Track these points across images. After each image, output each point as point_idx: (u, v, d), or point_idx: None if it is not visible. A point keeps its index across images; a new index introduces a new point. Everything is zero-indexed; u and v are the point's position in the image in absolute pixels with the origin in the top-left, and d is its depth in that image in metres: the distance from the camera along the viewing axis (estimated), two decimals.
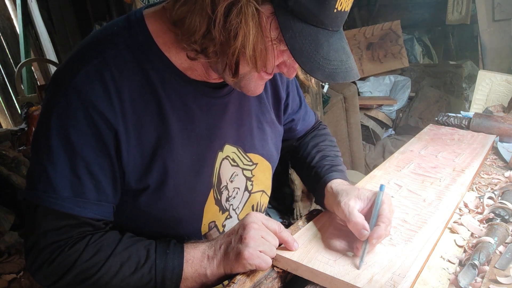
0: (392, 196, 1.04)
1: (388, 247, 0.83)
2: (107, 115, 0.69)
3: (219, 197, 0.87)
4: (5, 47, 4.81)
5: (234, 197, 0.91)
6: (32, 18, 4.86)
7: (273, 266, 0.81)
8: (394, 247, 0.83)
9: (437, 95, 3.86)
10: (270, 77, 0.75)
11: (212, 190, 0.85)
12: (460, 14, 3.57)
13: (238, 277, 0.77)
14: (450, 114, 1.57)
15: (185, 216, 0.82)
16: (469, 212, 1.03)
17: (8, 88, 4.78)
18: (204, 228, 0.87)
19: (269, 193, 1.03)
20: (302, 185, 2.64)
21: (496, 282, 0.76)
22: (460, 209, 1.04)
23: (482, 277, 0.78)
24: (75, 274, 0.70)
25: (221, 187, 0.87)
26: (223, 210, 0.90)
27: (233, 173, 0.89)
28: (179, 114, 0.76)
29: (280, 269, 0.81)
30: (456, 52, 4.51)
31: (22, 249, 1.56)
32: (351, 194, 0.84)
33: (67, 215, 0.70)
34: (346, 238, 0.85)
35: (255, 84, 0.74)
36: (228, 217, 0.92)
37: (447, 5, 3.76)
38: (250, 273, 0.78)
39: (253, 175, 0.94)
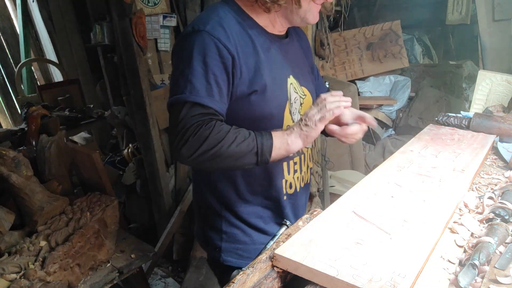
0: (392, 196, 1.04)
1: (388, 247, 0.83)
2: (228, 46, 1.06)
3: (290, 110, 1.22)
4: (5, 47, 4.81)
5: (295, 114, 1.25)
6: (32, 18, 4.86)
7: (273, 266, 0.81)
8: (394, 247, 0.83)
9: (437, 95, 3.85)
10: (321, 3, 1.16)
11: (288, 102, 1.21)
12: (460, 14, 3.57)
13: (238, 277, 0.77)
14: (450, 114, 1.57)
15: (275, 115, 1.18)
16: (469, 212, 1.03)
17: (8, 88, 4.78)
18: (284, 127, 1.22)
19: None
20: None
21: (496, 282, 0.76)
22: (460, 209, 1.04)
23: (482, 277, 0.78)
24: (208, 143, 1.02)
25: (292, 102, 1.22)
26: (291, 116, 1.24)
27: (296, 97, 1.24)
28: (264, 50, 1.15)
29: (280, 269, 0.81)
30: (456, 52, 4.51)
31: (22, 249, 1.56)
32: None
33: (204, 106, 1.04)
34: (347, 237, 0.85)
35: (314, 13, 1.17)
36: (296, 119, 1.25)
37: (447, 5, 3.76)
38: (250, 273, 0.78)
39: (303, 103, 1.28)
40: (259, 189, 1.26)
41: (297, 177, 1.31)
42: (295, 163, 1.29)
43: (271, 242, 0.94)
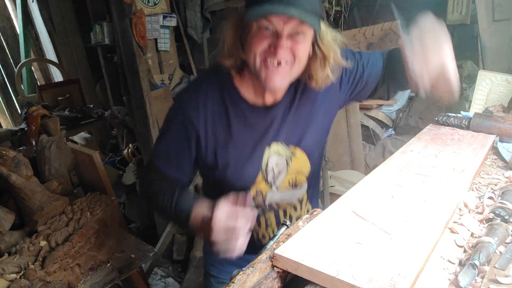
0: (392, 196, 1.04)
1: (388, 247, 0.83)
2: (194, 122, 1.14)
3: (265, 176, 1.22)
4: (5, 47, 4.81)
5: (277, 177, 1.24)
6: (32, 18, 4.86)
7: (273, 266, 0.81)
8: (394, 247, 0.83)
9: None
10: (273, 67, 1.03)
11: (260, 171, 1.21)
12: (460, 14, 3.57)
13: (238, 277, 0.77)
14: (450, 114, 1.57)
15: (240, 185, 1.20)
16: (469, 212, 1.03)
17: (8, 88, 4.78)
18: (252, 193, 1.24)
19: (306, 174, 1.29)
20: None
21: (496, 282, 0.76)
22: (460, 209, 1.04)
23: (482, 277, 0.78)
24: (147, 199, 1.25)
25: (267, 170, 1.22)
26: (267, 183, 1.24)
27: (278, 160, 1.23)
28: (239, 124, 1.16)
29: (280, 269, 0.81)
30: (456, 52, 4.49)
31: (22, 249, 1.56)
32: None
33: (158, 171, 1.19)
34: (347, 237, 0.85)
35: (271, 77, 1.04)
36: (271, 189, 1.24)
37: (447, 5, 3.75)
38: (250, 273, 0.78)
39: (292, 162, 1.24)
40: None
41: (272, 230, 1.31)
42: (266, 219, 1.29)
43: (271, 242, 0.94)
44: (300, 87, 1.20)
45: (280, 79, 1.06)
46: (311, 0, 1.00)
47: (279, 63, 1.02)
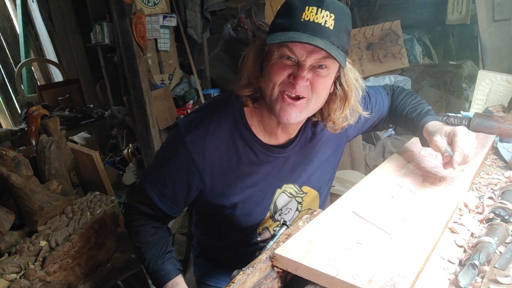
0: (392, 196, 1.04)
1: (388, 247, 0.83)
2: (198, 163, 1.06)
3: (273, 215, 1.20)
4: (5, 47, 4.80)
5: (286, 214, 1.23)
6: (32, 18, 4.86)
7: (273, 266, 0.81)
8: (394, 247, 0.83)
9: (437, 95, 3.85)
10: (290, 99, 0.97)
11: (269, 212, 1.18)
12: (460, 14, 3.57)
13: (238, 277, 0.77)
14: (450, 114, 1.56)
15: (247, 225, 1.18)
16: (469, 212, 1.03)
17: (8, 88, 4.78)
18: (259, 230, 1.22)
19: (316, 207, 1.28)
20: None
21: (496, 282, 0.76)
22: (460, 209, 1.04)
23: (482, 277, 0.78)
24: (132, 238, 1.19)
25: (277, 210, 1.20)
26: (274, 220, 1.22)
27: (288, 201, 1.21)
28: (252, 166, 1.10)
29: (280, 269, 0.81)
30: (456, 52, 4.50)
31: (22, 249, 1.56)
32: (438, 132, 1.11)
33: (152, 202, 1.11)
34: (347, 237, 0.85)
35: (287, 111, 0.98)
36: (279, 225, 1.14)
37: (447, 5, 3.75)
38: (250, 273, 0.78)
39: (303, 200, 1.24)
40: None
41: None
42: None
43: (271, 242, 0.94)
44: (316, 126, 1.15)
45: (296, 113, 0.98)
46: (340, 33, 0.93)
47: (296, 97, 0.96)
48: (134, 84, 2.89)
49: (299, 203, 1.24)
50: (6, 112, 4.77)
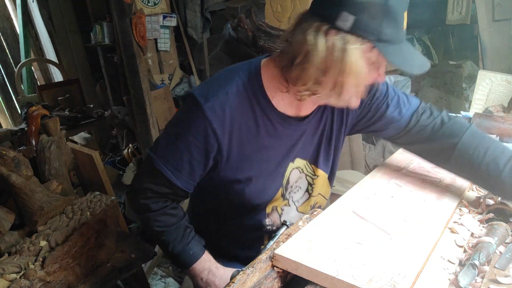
0: (392, 196, 1.04)
1: (388, 247, 0.83)
2: (218, 133, 1.01)
3: (285, 193, 1.17)
4: (5, 47, 4.80)
5: (295, 193, 1.19)
6: (32, 18, 4.86)
7: (273, 266, 0.81)
8: (394, 247, 0.83)
9: (437, 95, 3.85)
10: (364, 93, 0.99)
11: (281, 188, 1.15)
12: (460, 14, 3.57)
13: (238, 277, 0.77)
14: (450, 114, 1.57)
15: (258, 201, 1.14)
16: (469, 212, 1.03)
17: (8, 88, 4.78)
18: (268, 210, 1.18)
19: (327, 196, 1.28)
20: None
21: (496, 282, 0.76)
22: (460, 209, 1.04)
23: (482, 277, 0.78)
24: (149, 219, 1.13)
25: (288, 186, 1.17)
26: (284, 198, 1.18)
27: (299, 177, 1.18)
28: (269, 135, 1.07)
29: (280, 269, 0.81)
30: (456, 52, 4.50)
31: (22, 249, 1.56)
32: None
33: (167, 179, 1.05)
34: (347, 237, 0.85)
35: (356, 100, 1.00)
36: (287, 204, 1.19)
37: (447, 5, 3.75)
38: (250, 273, 0.78)
39: (314, 183, 1.21)
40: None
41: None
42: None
43: (271, 242, 0.94)
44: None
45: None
46: None
47: None
48: (134, 84, 2.89)
49: (309, 184, 1.21)
50: (6, 112, 4.77)
